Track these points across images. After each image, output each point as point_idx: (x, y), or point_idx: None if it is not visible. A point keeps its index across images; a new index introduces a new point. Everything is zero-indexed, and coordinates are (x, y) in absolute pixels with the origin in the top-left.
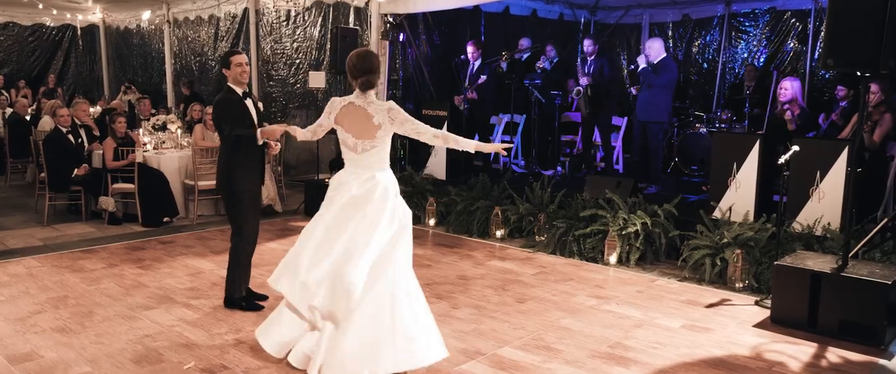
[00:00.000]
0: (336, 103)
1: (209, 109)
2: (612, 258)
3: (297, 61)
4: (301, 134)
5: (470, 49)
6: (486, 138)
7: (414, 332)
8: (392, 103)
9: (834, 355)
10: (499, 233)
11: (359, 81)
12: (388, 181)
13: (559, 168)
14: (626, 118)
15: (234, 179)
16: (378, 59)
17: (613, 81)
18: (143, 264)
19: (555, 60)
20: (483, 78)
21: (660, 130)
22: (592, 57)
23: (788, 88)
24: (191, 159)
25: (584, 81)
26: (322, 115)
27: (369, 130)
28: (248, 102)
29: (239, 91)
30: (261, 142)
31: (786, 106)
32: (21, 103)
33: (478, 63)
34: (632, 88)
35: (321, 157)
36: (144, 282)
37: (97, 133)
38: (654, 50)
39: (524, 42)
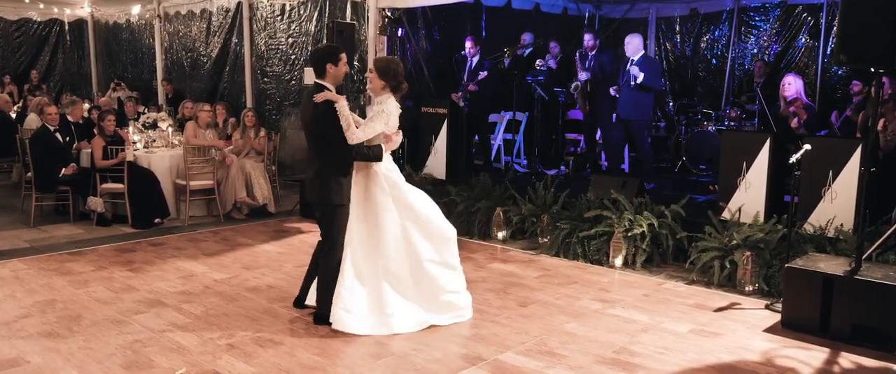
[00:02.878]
0: (396, 113)
1: (204, 106)
2: (618, 261)
3: (292, 57)
4: (350, 122)
5: (468, 44)
6: (486, 138)
7: None
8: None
9: (847, 360)
10: (501, 234)
11: (401, 87)
12: None
13: (563, 167)
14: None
15: (341, 193)
16: None
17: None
18: (132, 266)
19: (559, 57)
20: (483, 74)
21: (644, 128)
22: (593, 52)
23: (792, 83)
24: (182, 159)
25: (582, 76)
26: (376, 121)
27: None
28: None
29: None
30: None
31: (791, 108)
32: (2, 99)
33: (476, 59)
34: (611, 88)
35: None
36: (134, 285)
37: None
38: (633, 46)
39: (526, 37)
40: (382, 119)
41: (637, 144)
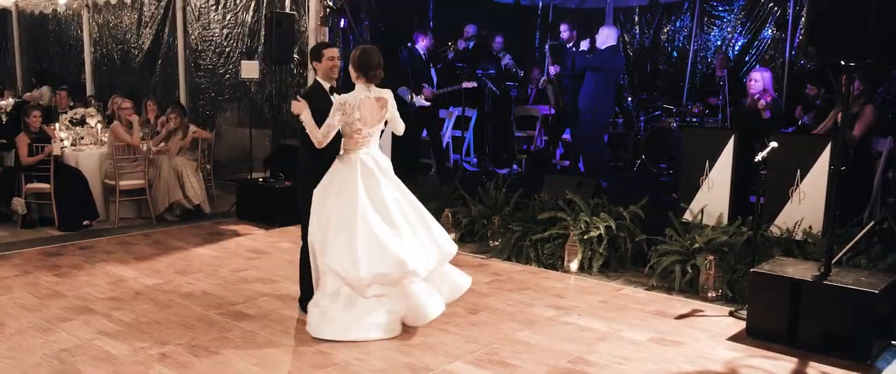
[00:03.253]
0: (351, 103)
1: (124, 103)
2: (573, 265)
3: (228, 50)
4: (311, 128)
5: (419, 37)
6: (437, 136)
7: None
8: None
9: (815, 370)
10: (449, 237)
11: (370, 75)
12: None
13: (515, 166)
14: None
15: (304, 178)
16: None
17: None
18: (59, 271)
19: (502, 51)
20: (470, 84)
21: (599, 122)
22: (571, 44)
23: (759, 79)
24: (111, 157)
25: (552, 70)
26: (333, 116)
27: (381, 116)
28: (335, 98)
29: (327, 86)
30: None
31: (756, 95)
32: None
33: (426, 54)
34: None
35: (254, 154)
36: (61, 291)
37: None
38: (602, 37)
39: (469, 29)
40: (339, 112)
41: (578, 133)
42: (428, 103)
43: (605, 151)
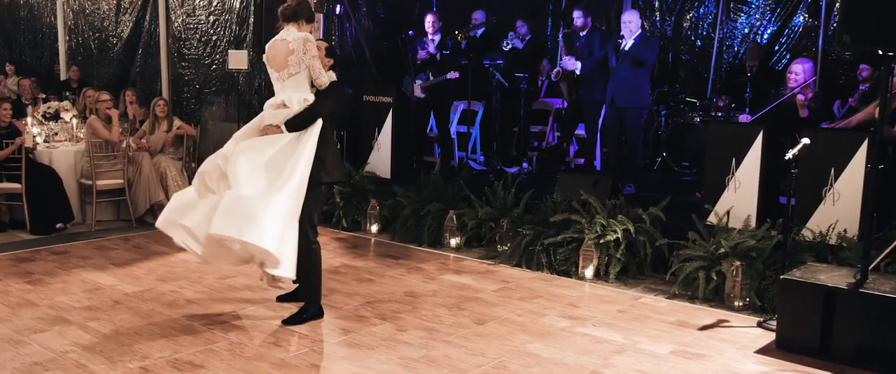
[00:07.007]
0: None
1: (102, 95)
2: (588, 272)
3: (215, 38)
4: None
5: (430, 19)
6: (445, 130)
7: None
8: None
9: None
10: (454, 241)
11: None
12: None
13: (525, 165)
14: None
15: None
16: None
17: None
18: (31, 278)
19: (527, 38)
20: (453, 74)
21: (639, 118)
22: (584, 32)
23: (800, 72)
24: (87, 155)
25: (566, 61)
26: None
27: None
28: None
29: None
30: None
31: (800, 97)
32: None
33: (437, 38)
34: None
35: None
36: (33, 300)
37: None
38: (634, 24)
39: (478, 16)
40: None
41: (628, 137)
42: (422, 95)
43: (639, 149)
